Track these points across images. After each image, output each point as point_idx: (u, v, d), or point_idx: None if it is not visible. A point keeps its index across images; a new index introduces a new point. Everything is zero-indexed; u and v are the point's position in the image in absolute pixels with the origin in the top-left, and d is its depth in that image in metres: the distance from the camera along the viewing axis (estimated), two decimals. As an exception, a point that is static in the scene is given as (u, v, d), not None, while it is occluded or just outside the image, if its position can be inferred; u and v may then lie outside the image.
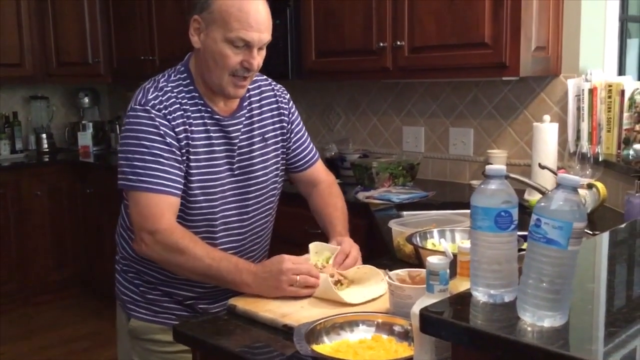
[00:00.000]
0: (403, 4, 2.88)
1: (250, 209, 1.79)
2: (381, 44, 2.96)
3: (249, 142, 1.77)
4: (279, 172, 1.88)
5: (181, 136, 1.65)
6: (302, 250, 1.71)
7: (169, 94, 1.67)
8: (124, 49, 4.54)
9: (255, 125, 1.79)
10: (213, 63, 1.64)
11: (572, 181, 0.90)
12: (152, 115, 1.63)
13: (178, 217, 1.66)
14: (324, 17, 3.21)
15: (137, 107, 1.65)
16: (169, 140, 1.63)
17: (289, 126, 1.89)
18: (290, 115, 1.90)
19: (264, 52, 1.69)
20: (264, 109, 1.82)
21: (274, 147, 1.84)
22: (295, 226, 2.60)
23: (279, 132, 1.86)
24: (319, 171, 2.01)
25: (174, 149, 1.64)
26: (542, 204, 0.91)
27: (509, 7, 2.56)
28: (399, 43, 2.91)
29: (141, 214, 1.62)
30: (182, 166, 1.65)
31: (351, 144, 3.59)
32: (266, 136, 1.82)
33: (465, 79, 3.04)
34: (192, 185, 1.68)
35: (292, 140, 1.91)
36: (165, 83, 1.69)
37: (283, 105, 1.88)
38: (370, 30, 3.02)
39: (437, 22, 2.78)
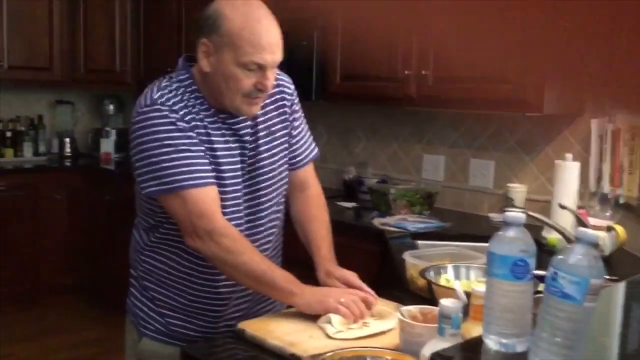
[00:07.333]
0: (430, 35, 2.88)
1: (262, 207, 1.73)
2: (406, 72, 2.97)
3: (254, 137, 1.70)
4: (287, 165, 1.80)
5: (195, 131, 1.60)
6: (310, 270, 1.72)
7: (174, 92, 1.62)
8: (152, 59, 4.59)
9: (259, 119, 1.71)
10: (225, 86, 1.59)
11: (591, 237, 0.89)
12: (165, 112, 1.57)
13: None
14: (351, 42, 3.22)
15: (146, 108, 1.59)
16: (189, 133, 1.58)
17: (290, 117, 1.79)
18: (293, 106, 1.80)
19: (275, 69, 1.64)
20: (266, 101, 1.71)
21: (281, 140, 1.76)
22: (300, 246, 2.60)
23: (285, 124, 1.78)
24: (311, 174, 1.88)
25: (196, 141, 1.60)
26: (561, 257, 0.90)
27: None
28: (423, 72, 2.91)
29: (193, 212, 1.56)
30: (206, 156, 1.61)
31: (370, 168, 3.59)
32: (272, 129, 1.74)
33: (489, 111, 3.03)
34: None
35: (292, 135, 1.80)
36: (167, 83, 1.64)
37: (287, 96, 1.79)
38: (396, 57, 3.03)
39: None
